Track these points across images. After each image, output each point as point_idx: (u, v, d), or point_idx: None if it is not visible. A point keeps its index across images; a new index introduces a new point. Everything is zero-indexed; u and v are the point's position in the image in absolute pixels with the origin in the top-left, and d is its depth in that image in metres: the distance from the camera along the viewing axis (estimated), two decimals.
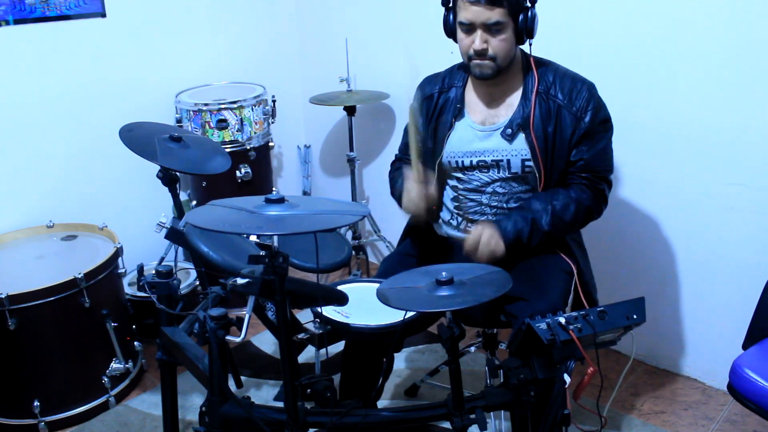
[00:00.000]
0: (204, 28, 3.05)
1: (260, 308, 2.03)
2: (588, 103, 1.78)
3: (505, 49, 1.74)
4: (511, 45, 1.75)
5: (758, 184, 2.11)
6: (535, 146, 1.80)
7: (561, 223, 1.81)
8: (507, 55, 1.76)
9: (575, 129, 1.79)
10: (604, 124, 1.83)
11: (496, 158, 1.85)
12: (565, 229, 1.84)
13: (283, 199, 1.34)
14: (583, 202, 1.82)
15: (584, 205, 1.83)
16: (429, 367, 2.45)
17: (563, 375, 1.43)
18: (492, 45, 1.73)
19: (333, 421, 1.50)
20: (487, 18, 1.69)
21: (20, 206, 2.63)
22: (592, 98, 1.80)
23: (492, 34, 1.72)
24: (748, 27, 2.01)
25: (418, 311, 1.50)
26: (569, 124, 1.79)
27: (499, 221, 1.82)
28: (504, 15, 1.69)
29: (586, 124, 1.78)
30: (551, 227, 1.80)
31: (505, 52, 1.75)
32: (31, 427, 2.25)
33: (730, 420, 2.23)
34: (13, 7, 2.49)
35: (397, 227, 2.22)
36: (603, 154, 1.84)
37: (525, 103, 1.82)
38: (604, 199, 1.88)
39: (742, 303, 2.09)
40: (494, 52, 1.74)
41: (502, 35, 1.72)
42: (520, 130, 1.82)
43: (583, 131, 1.79)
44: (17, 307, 2.13)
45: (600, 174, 1.84)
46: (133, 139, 1.98)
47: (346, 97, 2.92)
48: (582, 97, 1.78)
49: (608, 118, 1.84)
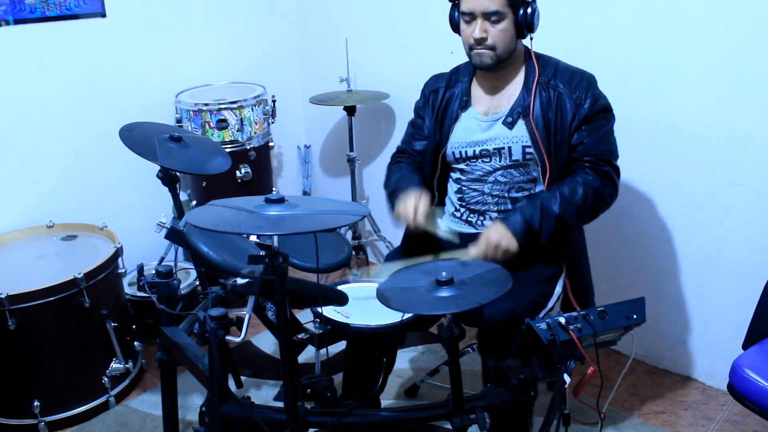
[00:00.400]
0: (204, 28, 3.05)
1: (260, 308, 2.03)
2: (587, 92, 1.81)
3: (504, 39, 1.77)
4: (511, 36, 1.78)
5: (758, 184, 2.11)
6: (534, 132, 1.82)
7: (571, 205, 1.78)
8: (506, 46, 1.79)
9: (575, 114, 1.81)
10: (603, 112, 1.84)
11: (497, 146, 1.87)
12: (578, 213, 1.80)
13: (283, 199, 1.34)
14: (590, 183, 1.80)
15: (592, 186, 1.80)
16: (429, 367, 2.45)
17: (563, 375, 1.43)
18: (491, 34, 1.77)
19: (333, 421, 1.50)
20: (486, 7, 1.74)
21: (20, 206, 2.63)
22: (591, 86, 1.83)
23: (491, 23, 1.76)
24: (748, 27, 2.01)
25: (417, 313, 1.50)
26: (569, 109, 1.81)
27: (506, 216, 1.82)
28: (503, 5, 1.74)
29: (585, 110, 1.80)
30: (562, 210, 1.78)
31: (504, 43, 1.78)
32: (31, 427, 2.25)
33: (730, 420, 2.23)
34: (13, 7, 2.49)
35: (397, 227, 2.22)
36: (604, 139, 1.84)
37: (526, 92, 1.85)
38: (612, 182, 1.84)
39: (742, 303, 2.09)
40: (493, 41, 1.78)
41: (501, 25, 1.76)
42: (520, 118, 1.84)
43: (583, 116, 1.81)
44: (17, 307, 2.13)
45: (602, 157, 1.83)
46: (133, 139, 1.98)
47: (346, 97, 2.92)
48: (582, 86, 1.82)
49: (608, 107, 1.86)
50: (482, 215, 1.94)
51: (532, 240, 1.78)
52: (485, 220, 1.94)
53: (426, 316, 1.79)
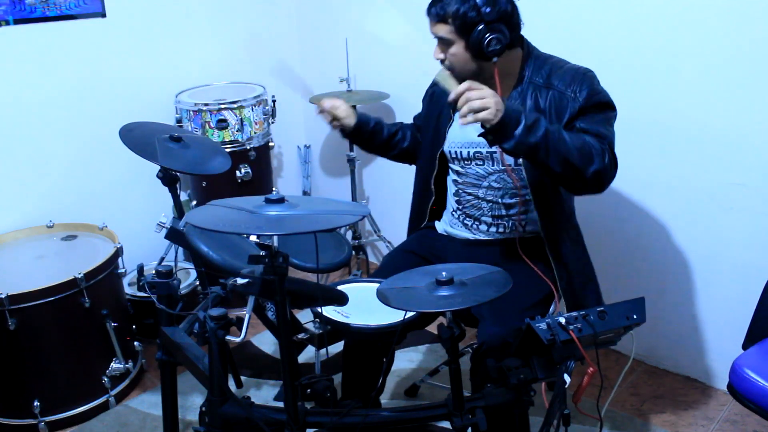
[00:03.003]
0: (204, 28, 3.05)
1: (260, 308, 2.03)
2: (582, 84, 1.75)
3: (458, 62, 1.77)
4: (465, 60, 1.76)
5: (758, 184, 2.11)
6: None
7: (564, 144, 1.63)
8: (462, 68, 1.77)
9: (571, 109, 1.75)
10: (601, 106, 1.76)
11: (489, 150, 1.86)
12: (567, 153, 1.63)
13: (283, 199, 1.34)
14: (590, 142, 1.69)
15: (591, 143, 1.68)
16: (429, 367, 2.45)
17: (563, 375, 1.43)
18: (447, 56, 1.78)
19: (333, 421, 1.50)
20: (435, 32, 1.77)
21: (20, 206, 2.63)
22: (588, 80, 1.76)
23: (444, 45, 1.77)
24: (748, 27, 2.01)
25: (417, 311, 1.50)
26: (565, 104, 1.76)
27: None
28: (449, 32, 1.73)
29: (581, 102, 1.74)
30: (555, 136, 1.62)
31: (459, 65, 1.77)
32: (31, 427, 2.25)
33: (730, 420, 2.23)
34: (13, 7, 2.49)
35: (397, 227, 2.23)
36: (600, 123, 1.75)
37: (517, 95, 1.82)
38: (609, 156, 1.70)
39: (742, 303, 2.09)
40: (450, 63, 1.79)
41: (452, 49, 1.76)
42: None
43: (578, 108, 1.74)
44: (17, 307, 2.13)
45: (599, 133, 1.73)
46: (133, 139, 1.98)
47: (346, 97, 2.92)
48: (577, 80, 1.77)
49: (608, 102, 1.78)
50: (477, 220, 1.94)
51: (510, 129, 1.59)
52: (480, 225, 1.94)
53: (426, 316, 1.79)
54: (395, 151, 2.14)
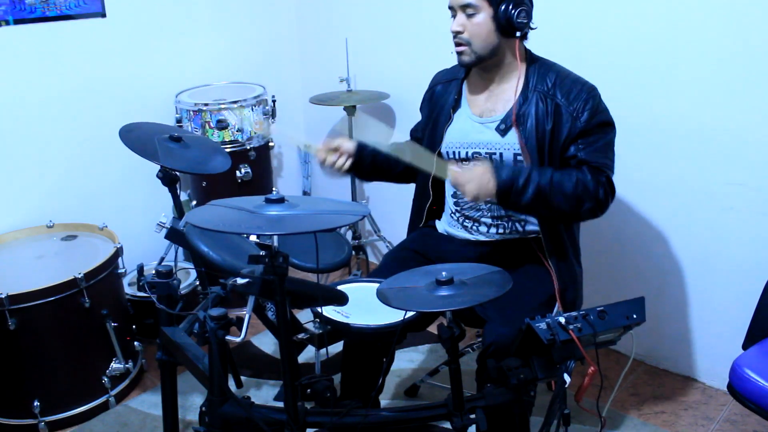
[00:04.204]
0: (204, 28, 3.05)
1: (260, 308, 2.03)
2: (585, 104, 1.76)
3: (479, 34, 1.75)
4: (488, 32, 1.75)
5: (758, 184, 2.11)
6: (526, 142, 1.79)
7: (559, 188, 1.71)
8: (483, 41, 1.76)
9: (571, 128, 1.77)
10: (602, 126, 1.79)
11: (489, 151, 1.86)
12: (563, 199, 1.72)
13: (283, 199, 1.34)
14: (584, 180, 1.74)
15: (585, 181, 1.73)
16: (429, 367, 2.45)
17: (563, 375, 1.43)
18: (467, 28, 1.76)
19: (333, 421, 1.50)
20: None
21: (20, 206, 2.63)
22: (591, 99, 1.77)
23: (468, 16, 1.75)
24: (748, 27, 2.01)
25: (417, 311, 1.50)
26: (565, 122, 1.77)
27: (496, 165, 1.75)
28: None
29: (582, 124, 1.76)
30: (549, 185, 1.70)
31: (480, 38, 1.75)
32: (31, 427, 2.25)
33: (730, 420, 2.23)
34: (13, 7, 2.49)
35: (397, 227, 2.23)
36: (600, 152, 1.78)
37: (522, 100, 1.81)
38: (605, 189, 1.76)
39: (742, 303, 2.09)
40: (469, 35, 1.76)
41: (476, 19, 1.74)
42: (513, 126, 1.81)
43: (578, 131, 1.76)
44: (17, 307, 2.13)
45: (598, 164, 1.76)
46: (133, 140, 1.98)
47: (346, 97, 2.92)
48: (581, 98, 1.77)
49: (608, 121, 1.80)
50: (477, 222, 1.94)
51: (508, 196, 1.71)
52: (479, 226, 1.94)
53: (426, 315, 1.79)
54: (399, 168, 2.02)
